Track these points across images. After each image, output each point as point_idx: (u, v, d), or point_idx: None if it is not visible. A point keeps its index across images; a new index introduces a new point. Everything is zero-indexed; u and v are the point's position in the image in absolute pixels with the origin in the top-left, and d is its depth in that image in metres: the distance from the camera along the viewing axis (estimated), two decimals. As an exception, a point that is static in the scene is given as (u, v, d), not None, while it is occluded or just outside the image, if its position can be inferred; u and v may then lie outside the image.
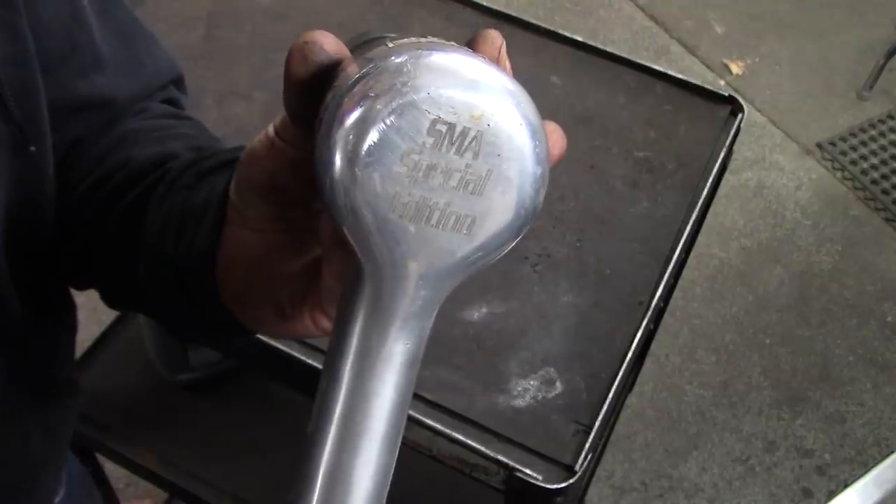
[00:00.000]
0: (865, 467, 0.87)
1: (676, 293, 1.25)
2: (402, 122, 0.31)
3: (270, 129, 0.40)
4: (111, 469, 1.47)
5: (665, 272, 0.92)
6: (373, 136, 0.31)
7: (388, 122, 0.31)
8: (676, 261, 0.94)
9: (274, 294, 0.46)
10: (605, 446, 1.75)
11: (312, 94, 0.36)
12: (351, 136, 0.31)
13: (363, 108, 0.31)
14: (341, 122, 0.31)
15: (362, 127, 0.31)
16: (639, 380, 1.97)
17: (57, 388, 0.67)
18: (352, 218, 0.32)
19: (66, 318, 0.66)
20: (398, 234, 0.33)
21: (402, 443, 0.80)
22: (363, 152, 0.31)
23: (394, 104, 0.31)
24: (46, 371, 0.65)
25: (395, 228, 0.33)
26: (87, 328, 1.93)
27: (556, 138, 0.38)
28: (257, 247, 0.45)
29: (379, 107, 0.31)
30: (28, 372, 0.61)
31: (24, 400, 0.61)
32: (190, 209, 0.49)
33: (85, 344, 1.53)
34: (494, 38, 0.37)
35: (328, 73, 0.36)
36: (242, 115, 1.02)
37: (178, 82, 0.66)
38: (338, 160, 0.32)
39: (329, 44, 0.36)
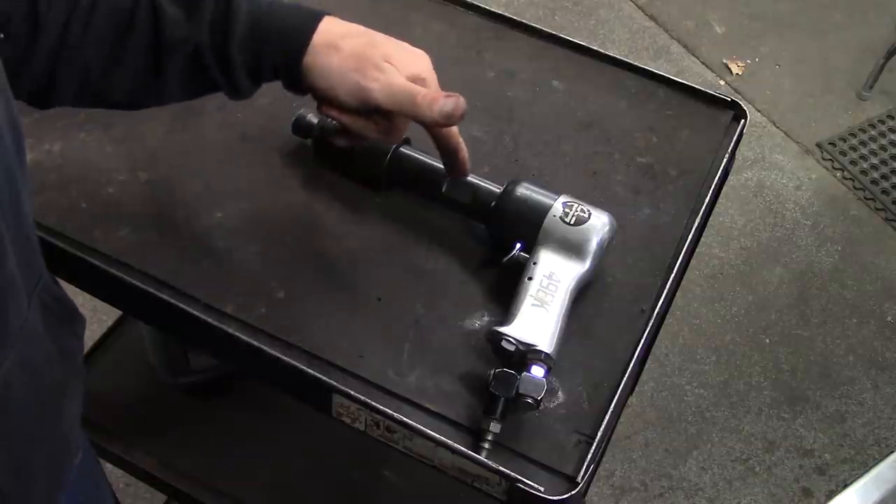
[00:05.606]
0: (865, 467, 0.87)
1: (676, 293, 1.25)
2: None
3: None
4: (110, 470, 1.47)
5: (667, 280, 0.92)
6: None
7: None
8: (678, 268, 0.93)
9: None
10: (605, 450, 1.74)
11: None
12: None
13: None
14: None
15: None
16: (639, 379, 1.96)
17: (63, 310, 0.73)
18: None
19: None
20: None
21: (404, 453, 0.79)
22: None
23: None
24: (51, 292, 0.71)
25: None
26: (88, 329, 1.93)
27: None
28: None
29: None
30: (42, 294, 0.66)
31: (38, 321, 0.66)
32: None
33: (86, 345, 1.53)
34: None
35: None
36: (244, 121, 1.02)
37: None
38: None
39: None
